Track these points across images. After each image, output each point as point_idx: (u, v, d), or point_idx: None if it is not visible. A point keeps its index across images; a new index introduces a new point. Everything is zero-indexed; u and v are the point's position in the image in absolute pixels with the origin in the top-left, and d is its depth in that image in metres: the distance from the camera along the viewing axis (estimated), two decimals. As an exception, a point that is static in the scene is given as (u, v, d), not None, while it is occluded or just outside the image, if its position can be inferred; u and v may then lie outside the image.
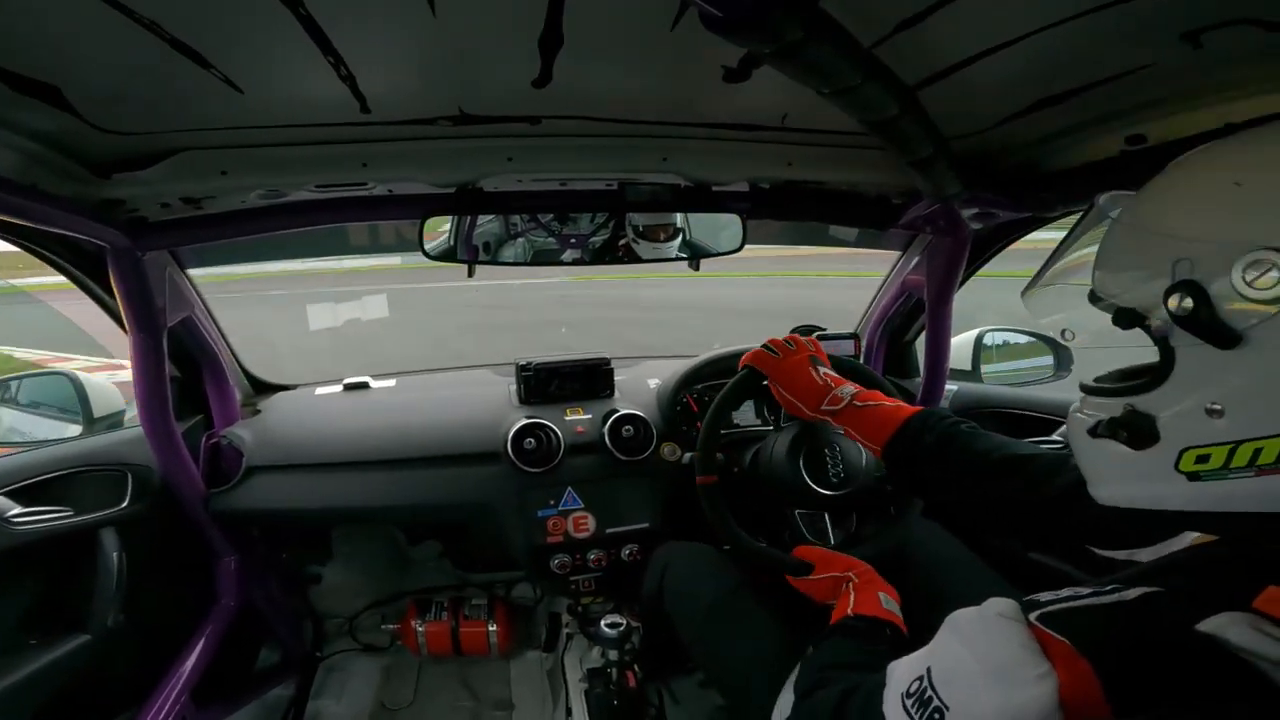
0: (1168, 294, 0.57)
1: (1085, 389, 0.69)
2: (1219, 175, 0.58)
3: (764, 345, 1.28)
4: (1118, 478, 0.66)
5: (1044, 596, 0.63)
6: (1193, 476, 0.58)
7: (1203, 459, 0.57)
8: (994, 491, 0.96)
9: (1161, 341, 0.60)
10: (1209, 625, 0.51)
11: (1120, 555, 0.81)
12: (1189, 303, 0.55)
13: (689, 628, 1.24)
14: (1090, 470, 0.70)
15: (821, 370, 1.22)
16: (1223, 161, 0.59)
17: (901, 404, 1.13)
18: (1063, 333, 0.75)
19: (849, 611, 0.99)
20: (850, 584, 1.06)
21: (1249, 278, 0.52)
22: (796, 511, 1.41)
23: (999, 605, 0.64)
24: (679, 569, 1.34)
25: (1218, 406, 0.55)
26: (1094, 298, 0.67)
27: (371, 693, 2.08)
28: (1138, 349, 0.63)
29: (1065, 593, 0.62)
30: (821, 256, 13.75)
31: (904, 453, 1.07)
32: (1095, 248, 0.67)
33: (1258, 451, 0.53)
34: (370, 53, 0.78)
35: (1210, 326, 0.54)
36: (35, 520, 1.31)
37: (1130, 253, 0.63)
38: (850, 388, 1.17)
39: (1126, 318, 0.62)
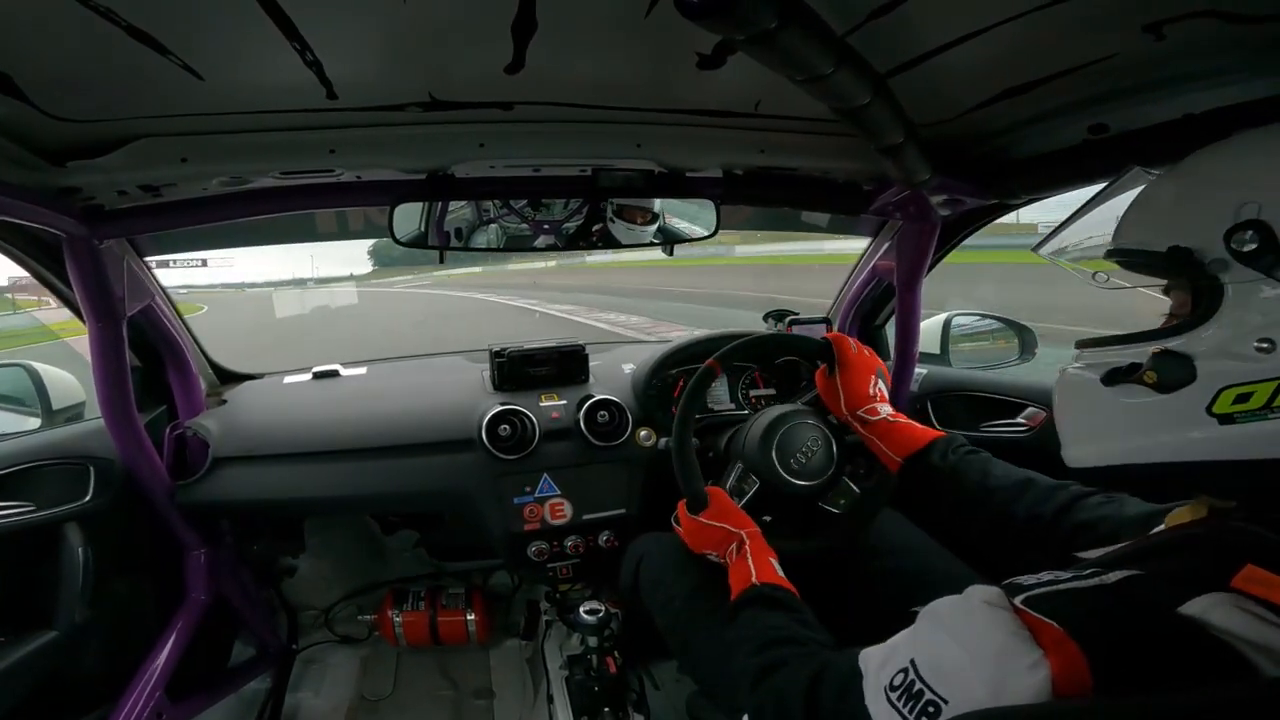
0: (1230, 233, 0.59)
1: (1088, 343, 0.71)
2: None
3: (852, 338, 1.35)
4: (1134, 428, 0.66)
5: (1025, 580, 0.63)
6: (1225, 419, 0.59)
7: (1243, 398, 0.58)
8: (1004, 509, 1.01)
9: (1209, 281, 0.62)
10: (1191, 608, 0.52)
11: (1094, 555, 0.81)
12: (1255, 240, 0.58)
13: (664, 620, 1.25)
14: (1094, 426, 0.71)
15: (878, 385, 1.30)
16: None
17: (930, 430, 1.20)
18: (1094, 275, 0.78)
19: (754, 580, 1.01)
20: (744, 546, 1.09)
21: None
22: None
23: (983, 593, 0.64)
24: (654, 562, 1.35)
25: (1267, 342, 0.57)
26: (1120, 252, 0.70)
27: (350, 684, 2.08)
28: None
29: (1045, 576, 0.63)
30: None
31: (923, 469, 1.14)
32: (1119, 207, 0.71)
33: None
34: (338, 38, 0.76)
35: (1275, 260, 0.57)
36: (-6, 516, 1.28)
37: (1188, 200, 0.66)
38: (889, 408, 1.26)
39: (1177, 259, 0.63)
